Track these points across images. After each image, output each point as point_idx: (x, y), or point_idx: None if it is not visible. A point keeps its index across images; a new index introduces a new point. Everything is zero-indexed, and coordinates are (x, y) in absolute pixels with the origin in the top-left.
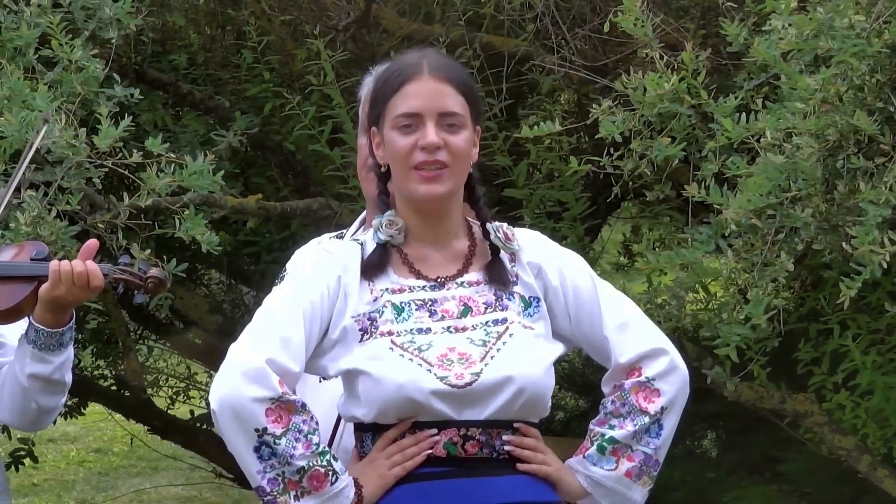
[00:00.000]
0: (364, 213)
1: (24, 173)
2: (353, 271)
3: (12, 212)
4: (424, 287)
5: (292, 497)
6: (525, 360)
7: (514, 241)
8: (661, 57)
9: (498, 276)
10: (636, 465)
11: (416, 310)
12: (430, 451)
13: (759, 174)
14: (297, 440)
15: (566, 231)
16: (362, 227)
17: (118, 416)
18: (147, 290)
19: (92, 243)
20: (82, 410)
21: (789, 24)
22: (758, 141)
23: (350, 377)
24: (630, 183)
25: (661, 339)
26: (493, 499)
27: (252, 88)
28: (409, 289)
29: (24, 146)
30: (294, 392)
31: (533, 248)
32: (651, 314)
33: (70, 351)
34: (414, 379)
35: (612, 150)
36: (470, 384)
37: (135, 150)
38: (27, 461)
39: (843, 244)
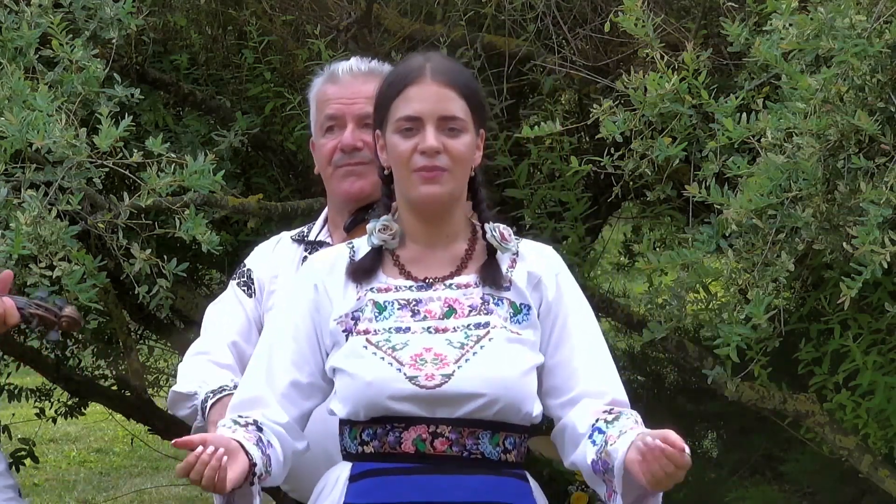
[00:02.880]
0: (326, 210)
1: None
2: (336, 275)
3: (13, 211)
4: (411, 287)
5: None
6: (500, 365)
7: (510, 241)
8: (662, 57)
9: (490, 276)
10: None
11: (399, 309)
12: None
13: (759, 174)
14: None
15: (567, 231)
16: (326, 226)
17: (119, 416)
18: (61, 327)
19: (6, 275)
20: (83, 410)
21: (790, 24)
22: (759, 141)
23: (334, 374)
24: (631, 183)
25: (623, 394)
26: (460, 497)
27: (253, 88)
28: (395, 288)
29: (25, 146)
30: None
31: (539, 260)
32: (652, 314)
33: None
34: (383, 378)
35: (612, 150)
36: (439, 385)
37: (135, 150)
38: (28, 461)
39: (844, 244)
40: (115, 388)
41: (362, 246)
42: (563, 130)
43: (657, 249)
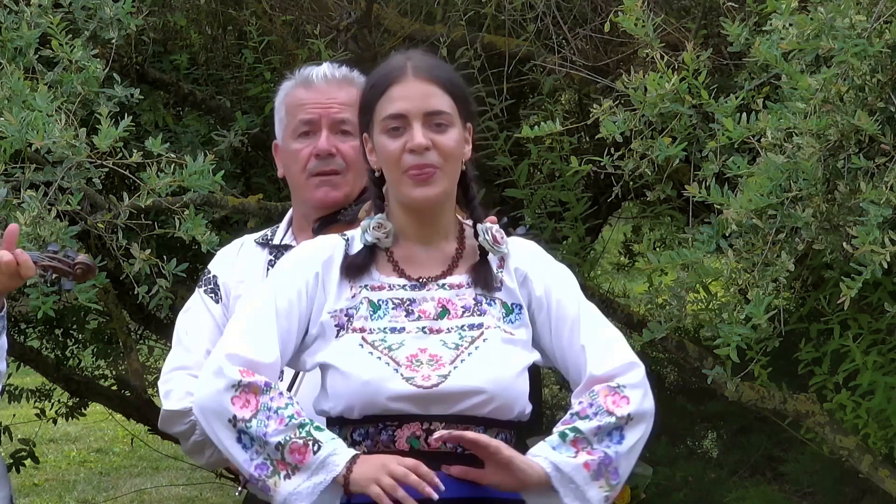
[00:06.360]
0: (290, 213)
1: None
2: (334, 268)
3: (12, 212)
4: (405, 286)
5: (282, 477)
6: (495, 365)
7: (502, 244)
8: (662, 57)
9: (483, 279)
10: (595, 460)
11: (393, 308)
12: (437, 497)
13: (759, 174)
14: (267, 418)
15: (567, 231)
16: (290, 229)
17: (119, 416)
18: (75, 276)
19: (13, 228)
20: (83, 411)
21: (790, 24)
22: (759, 141)
23: (322, 371)
24: (631, 183)
25: (636, 359)
26: (455, 492)
27: (253, 88)
28: (389, 287)
29: (24, 146)
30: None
31: (522, 256)
32: (652, 314)
33: (3, 339)
34: (380, 378)
35: (612, 150)
36: (436, 385)
37: (135, 150)
38: (28, 462)
39: (844, 244)
40: (115, 388)
41: (357, 239)
42: (563, 130)
43: (657, 249)
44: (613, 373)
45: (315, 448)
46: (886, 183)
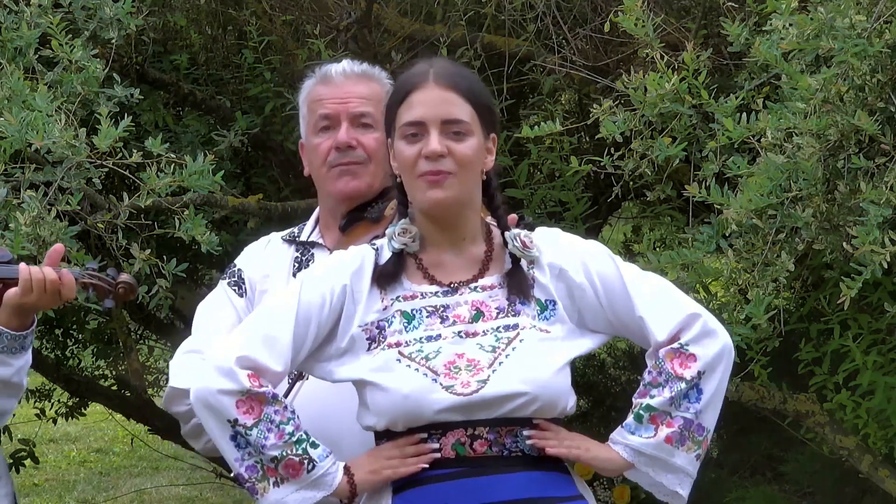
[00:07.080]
0: (318, 211)
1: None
2: (364, 278)
3: (12, 212)
4: (437, 293)
5: (271, 483)
6: (534, 366)
7: (532, 248)
8: (662, 57)
9: (518, 286)
10: (676, 430)
11: (428, 317)
12: (439, 455)
13: (759, 174)
14: (268, 430)
15: (567, 231)
16: (317, 226)
17: (119, 416)
18: (117, 295)
19: (58, 248)
20: (83, 411)
21: (790, 24)
22: (759, 141)
23: (359, 387)
24: (631, 183)
25: (692, 306)
26: (506, 495)
27: (253, 88)
28: (422, 295)
29: (24, 146)
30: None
31: (552, 248)
32: None
33: (29, 354)
34: (420, 389)
35: (612, 150)
36: (476, 391)
37: (135, 150)
38: (28, 462)
39: (844, 244)
40: (115, 388)
41: (385, 247)
42: (563, 130)
43: (657, 249)
44: (675, 332)
45: (309, 467)
46: (886, 183)
